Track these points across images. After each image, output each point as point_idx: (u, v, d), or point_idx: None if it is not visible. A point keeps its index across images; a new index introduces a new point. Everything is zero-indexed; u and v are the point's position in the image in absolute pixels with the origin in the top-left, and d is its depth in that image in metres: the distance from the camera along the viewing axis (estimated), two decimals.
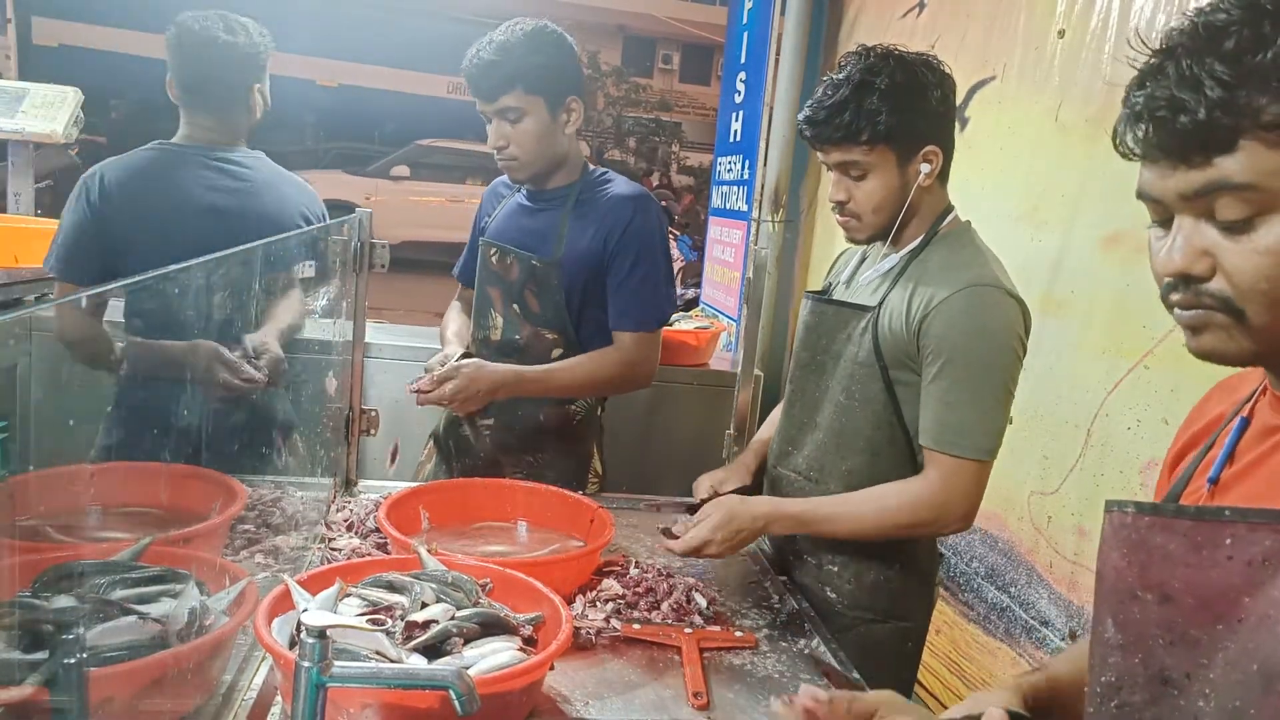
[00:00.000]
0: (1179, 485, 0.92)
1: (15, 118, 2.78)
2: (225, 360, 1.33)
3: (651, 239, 2.00)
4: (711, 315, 4.05)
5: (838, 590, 1.65)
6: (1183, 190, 0.75)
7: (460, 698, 0.89)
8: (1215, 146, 0.72)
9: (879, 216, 1.56)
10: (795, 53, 3.48)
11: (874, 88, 1.47)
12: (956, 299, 1.47)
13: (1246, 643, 0.70)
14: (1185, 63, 0.72)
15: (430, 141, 5.95)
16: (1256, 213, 0.72)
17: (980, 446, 1.48)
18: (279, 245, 1.52)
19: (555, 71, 1.93)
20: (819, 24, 3.61)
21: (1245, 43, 0.70)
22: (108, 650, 0.93)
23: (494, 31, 1.92)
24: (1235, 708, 0.70)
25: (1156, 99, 0.74)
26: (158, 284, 0.95)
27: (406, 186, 5.86)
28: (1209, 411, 0.96)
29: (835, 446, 1.62)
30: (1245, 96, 0.70)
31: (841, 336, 1.61)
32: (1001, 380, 1.49)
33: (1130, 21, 1.95)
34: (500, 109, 1.91)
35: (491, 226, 2.14)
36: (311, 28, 5.10)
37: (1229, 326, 0.75)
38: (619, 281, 1.98)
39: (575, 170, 2.05)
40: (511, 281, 2.05)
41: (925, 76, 1.51)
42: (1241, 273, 0.73)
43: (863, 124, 1.48)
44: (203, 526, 1.24)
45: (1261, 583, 0.70)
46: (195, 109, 2.08)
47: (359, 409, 2.05)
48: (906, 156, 1.52)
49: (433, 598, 1.26)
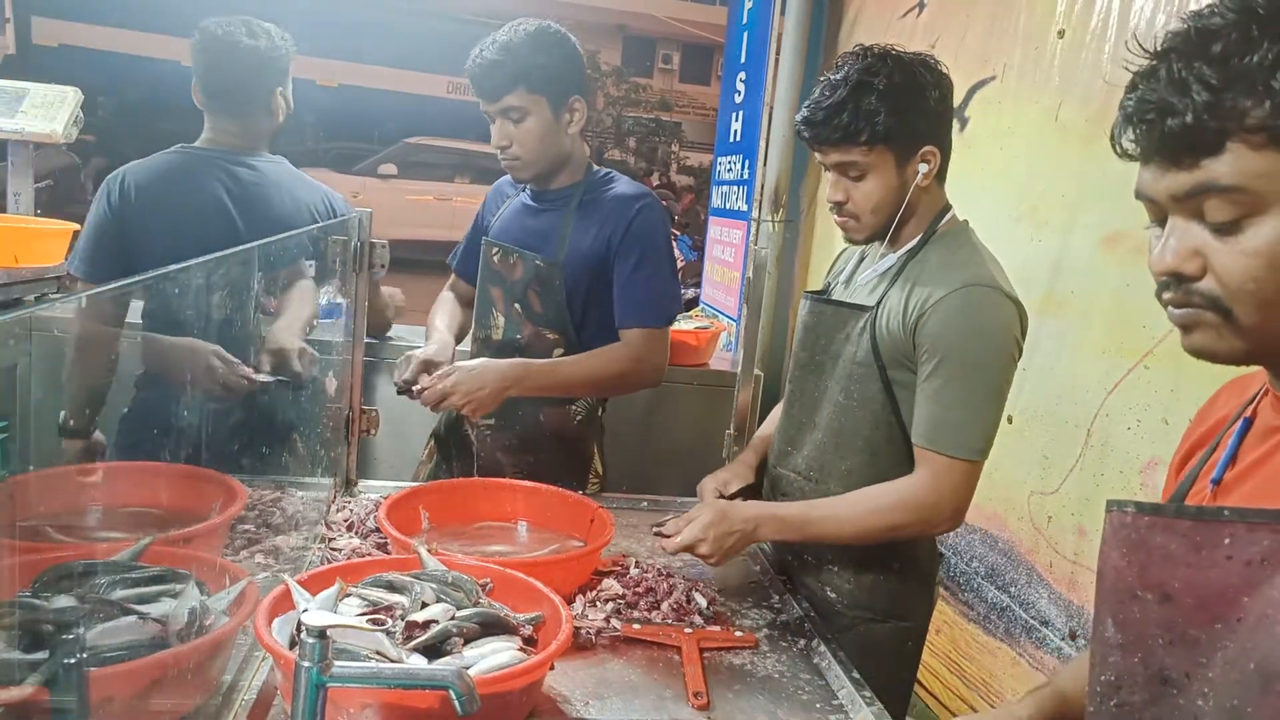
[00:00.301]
0: (1184, 486, 0.92)
1: (15, 118, 2.77)
2: (223, 360, 1.33)
3: (655, 237, 2.00)
4: (711, 315, 4.05)
5: (837, 590, 1.65)
6: (1173, 191, 0.76)
7: (460, 698, 0.89)
8: (1203, 149, 0.73)
9: (877, 217, 1.56)
10: (795, 53, 3.48)
11: (872, 88, 1.47)
12: (952, 298, 1.47)
13: (1245, 642, 0.71)
14: (1176, 66, 0.73)
15: (418, 140, 5.92)
16: (1244, 214, 0.73)
17: (972, 447, 1.47)
18: (279, 243, 1.53)
19: (558, 71, 1.93)
20: (819, 24, 3.61)
21: (1233, 46, 0.71)
22: (108, 650, 0.93)
23: (497, 32, 1.92)
24: (1233, 707, 0.70)
25: (1147, 101, 0.75)
26: (158, 283, 0.95)
27: (394, 185, 5.84)
28: (1216, 412, 0.96)
29: (834, 446, 1.62)
30: (1231, 100, 0.71)
31: (840, 336, 1.61)
32: (995, 381, 1.49)
33: (1130, 22, 1.95)
34: (503, 109, 1.91)
35: (495, 226, 2.14)
36: (309, 28, 5.11)
37: (1218, 325, 0.76)
38: (625, 280, 1.98)
39: (579, 170, 2.05)
40: (514, 281, 2.05)
41: (923, 77, 1.51)
42: (1230, 273, 0.74)
43: (861, 125, 1.47)
44: (203, 526, 1.25)
45: (1260, 583, 0.70)
46: (218, 113, 2.12)
47: (359, 409, 2.05)
48: (905, 157, 1.52)
49: (433, 598, 1.26)
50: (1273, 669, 0.68)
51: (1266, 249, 0.72)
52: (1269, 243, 0.72)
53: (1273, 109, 0.69)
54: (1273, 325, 0.75)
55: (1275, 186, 0.71)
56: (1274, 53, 0.69)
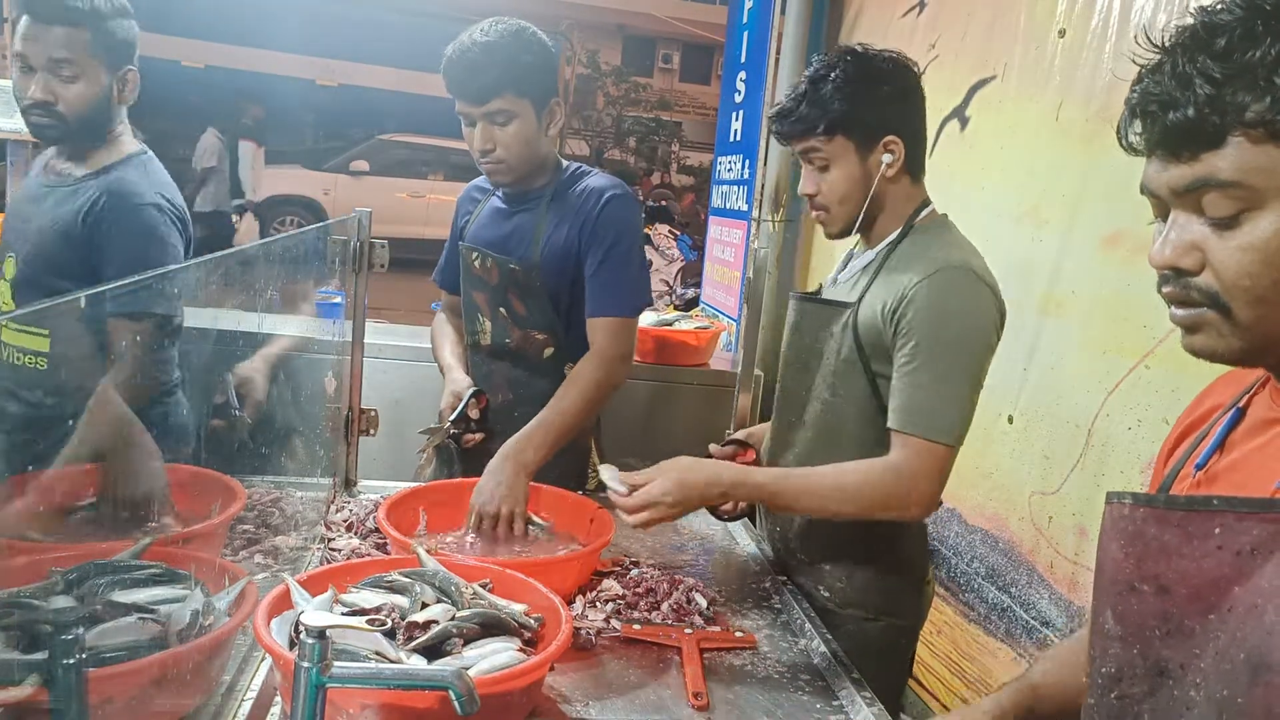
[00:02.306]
0: (1170, 476, 0.93)
1: (15, 118, 2.78)
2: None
3: (623, 226, 1.94)
4: (711, 315, 4.05)
5: (830, 589, 1.66)
6: (1174, 185, 0.76)
7: (460, 698, 0.89)
8: (1204, 143, 0.73)
9: (845, 207, 1.59)
10: (795, 53, 3.48)
11: (828, 80, 1.53)
12: (927, 283, 1.47)
13: (1235, 632, 0.71)
14: (1180, 60, 0.74)
15: (391, 136, 5.87)
16: (1243, 209, 0.73)
17: (945, 430, 1.46)
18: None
19: (542, 73, 1.90)
20: (819, 24, 3.61)
21: (1237, 41, 0.71)
22: (108, 650, 0.93)
23: (472, 30, 1.86)
24: (1223, 697, 0.70)
25: (1150, 94, 0.75)
26: (158, 284, 0.95)
27: (366, 182, 5.78)
28: (1207, 402, 0.97)
29: (823, 444, 1.62)
30: (1233, 94, 0.71)
31: (824, 334, 1.62)
32: (970, 364, 1.47)
33: (1131, 21, 1.95)
34: (489, 112, 1.86)
35: (470, 230, 2.11)
36: (309, 28, 5.10)
37: (1219, 324, 0.76)
38: (593, 269, 1.94)
39: (551, 171, 2.03)
40: (494, 285, 2.03)
41: (880, 67, 1.55)
42: (1227, 268, 0.74)
43: (817, 114, 1.53)
44: (203, 526, 1.25)
45: (1250, 572, 0.70)
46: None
47: (359, 409, 2.05)
48: (865, 146, 1.55)
49: (433, 598, 1.26)
50: (1261, 659, 0.68)
51: (1263, 244, 0.72)
52: (1265, 238, 0.72)
53: (1273, 103, 0.70)
54: (1268, 323, 0.75)
55: (1274, 182, 0.71)
56: (1276, 49, 0.70)
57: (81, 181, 1.87)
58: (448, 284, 2.23)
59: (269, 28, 3.73)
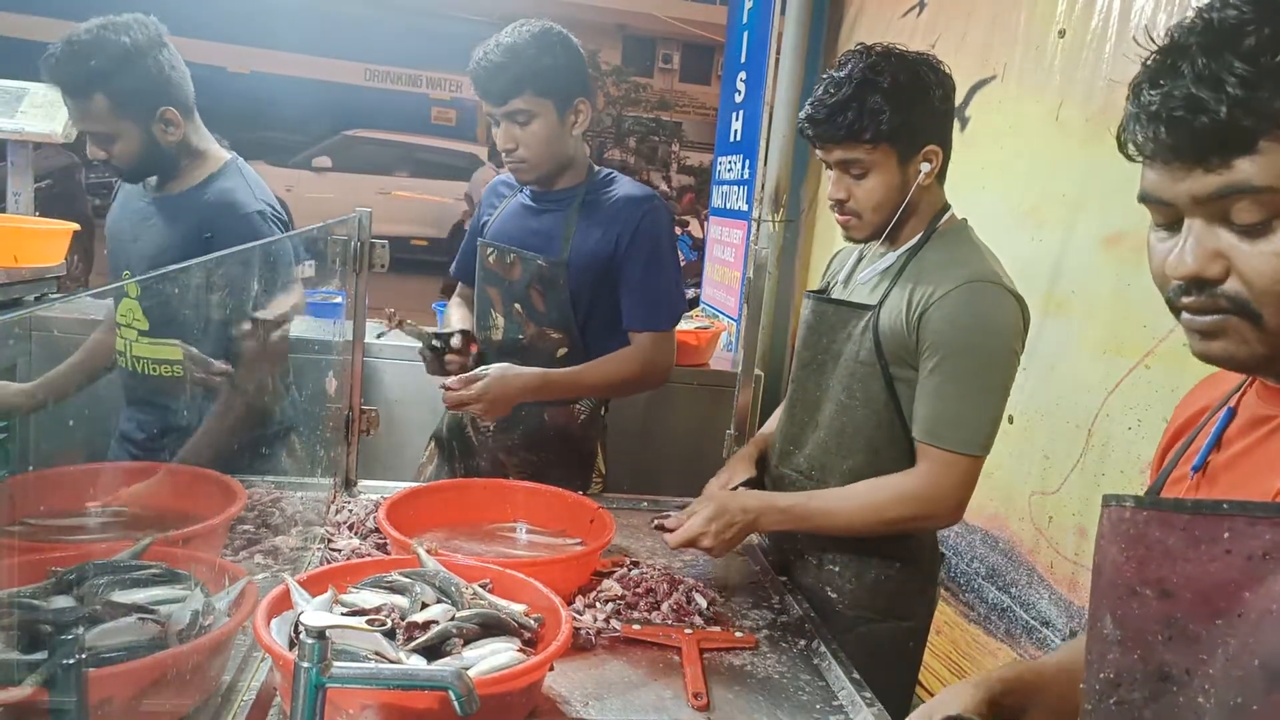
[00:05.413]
0: (1161, 478, 0.92)
1: (15, 118, 2.77)
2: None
3: (661, 240, 2.02)
4: (711, 315, 4.05)
5: (838, 590, 1.65)
6: (1197, 194, 0.73)
7: (460, 698, 0.89)
8: (1235, 148, 0.70)
9: (878, 215, 1.56)
10: (795, 53, 3.48)
11: (877, 86, 1.47)
12: (955, 294, 1.47)
13: (1247, 638, 0.70)
14: (1201, 60, 0.70)
15: (356, 132, 5.82)
16: (1274, 215, 0.71)
17: (973, 441, 1.47)
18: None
19: (564, 73, 1.93)
20: (819, 24, 3.61)
21: (1265, 42, 0.69)
22: (108, 650, 0.93)
23: (500, 34, 1.92)
24: (1237, 704, 0.69)
25: (1174, 98, 0.72)
26: (158, 284, 0.95)
27: (329, 178, 5.72)
28: (1193, 405, 0.96)
29: (836, 445, 1.62)
30: (1265, 97, 0.68)
31: (842, 335, 1.61)
32: (998, 376, 1.49)
33: (1131, 21, 1.95)
34: (510, 112, 1.91)
35: (492, 227, 2.14)
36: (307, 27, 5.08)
37: (1244, 331, 0.74)
38: (634, 282, 2.00)
39: (581, 171, 2.06)
40: (513, 282, 2.05)
41: (927, 76, 1.51)
42: (1261, 275, 0.72)
43: (866, 123, 1.47)
44: (203, 526, 1.24)
45: (1262, 577, 0.69)
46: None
47: (359, 409, 2.05)
48: (908, 155, 1.52)
49: (433, 598, 1.26)
50: (1277, 666, 0.67)
51: None
52: None
53: None
54: None
55: None
56: None
57: (185, 196, 1.91)
58: (465, 276, 2.27)
59: (198, 19, 3.74)
